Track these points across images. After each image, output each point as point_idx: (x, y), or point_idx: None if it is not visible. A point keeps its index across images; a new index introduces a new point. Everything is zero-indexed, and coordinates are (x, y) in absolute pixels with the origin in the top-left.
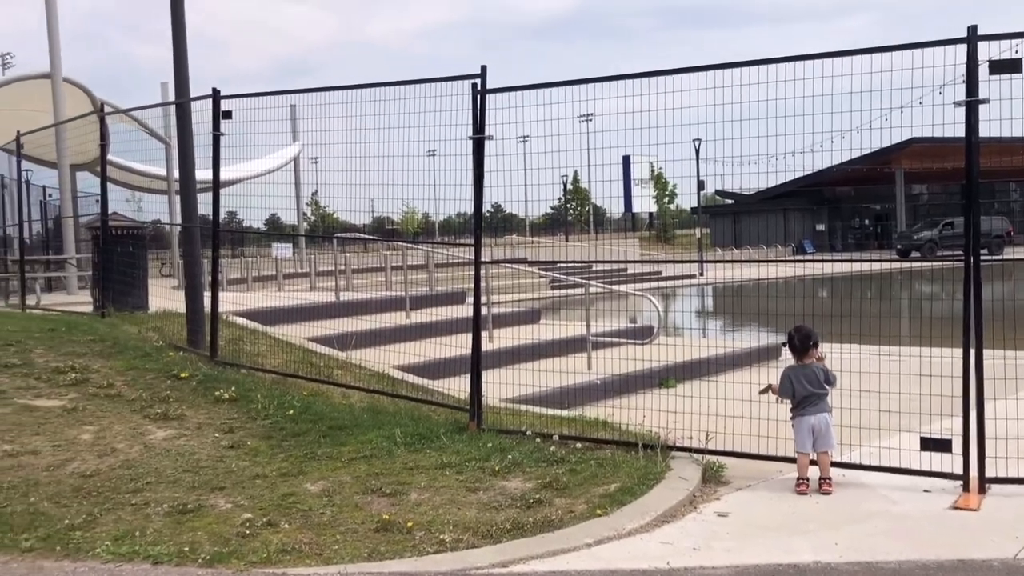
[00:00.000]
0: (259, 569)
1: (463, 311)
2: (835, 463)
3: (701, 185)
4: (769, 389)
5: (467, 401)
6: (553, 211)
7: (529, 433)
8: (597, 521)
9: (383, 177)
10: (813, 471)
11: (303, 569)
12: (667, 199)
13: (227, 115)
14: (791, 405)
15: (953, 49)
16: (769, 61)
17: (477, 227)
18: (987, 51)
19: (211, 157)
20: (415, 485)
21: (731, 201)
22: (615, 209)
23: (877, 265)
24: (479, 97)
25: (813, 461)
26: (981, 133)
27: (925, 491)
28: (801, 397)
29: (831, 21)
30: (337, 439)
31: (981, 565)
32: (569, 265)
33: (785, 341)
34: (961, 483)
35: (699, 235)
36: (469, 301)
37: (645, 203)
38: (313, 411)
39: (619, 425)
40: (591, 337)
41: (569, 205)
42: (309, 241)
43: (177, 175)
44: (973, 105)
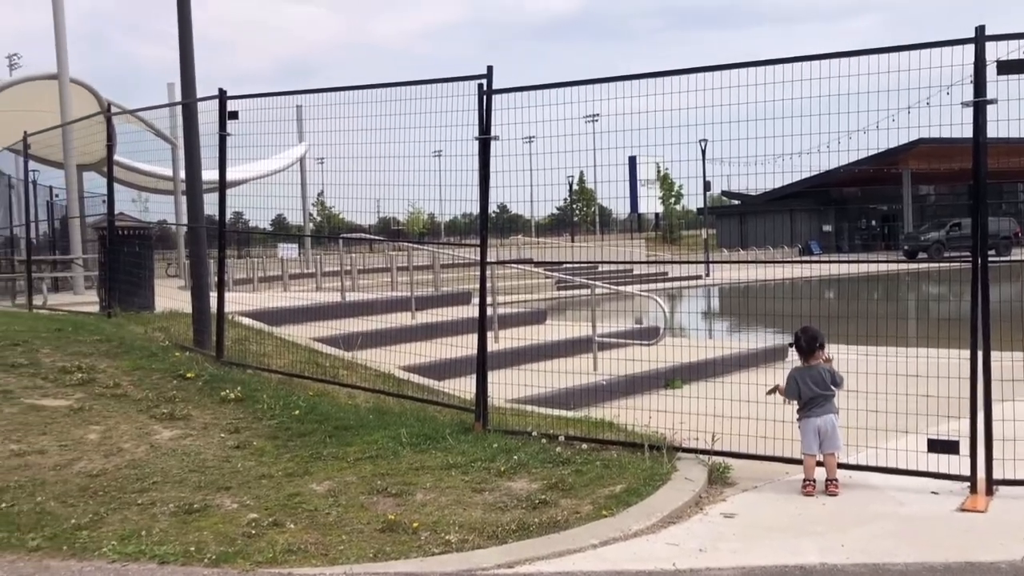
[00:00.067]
0: (265, 569)
1: (469, 311)
2: (842, 464)
3: (707, 186)
4: (776, 390)
5: (473, 402)
6: (559, 212)
7: (535, 434)
8: (603, 522)
9: (389, 178)
10: (820, 472)
11: (309, 569)
12: (673, 200)
13: (233, 115)
14: (797, 406)
15: (960, 49)
16: (775, 62)
17: (483, 228)
18: (995, 51)
19: (217, 157)
20: (421, 485)
21: (737, 202)
22: (621, 210)
23: (884, 266)
24: (485, 98)
25: (820, 462)
26: (989, 134)
27: (932, 493)
28: (807, 398)
29: (836, 22)
30: (343, 439)
31: (989, 567)
32: (575, 266)
33: (792, 342)
34: (968, 485)
35: (705, 236)
36: (475, 302)
37: (651, 204)
38: (319, 411)
39: (625, 426)
40: (597, 338)
41: (575, 206)
42: (315, 242)
43: (183, 175)
44: (981, 105)
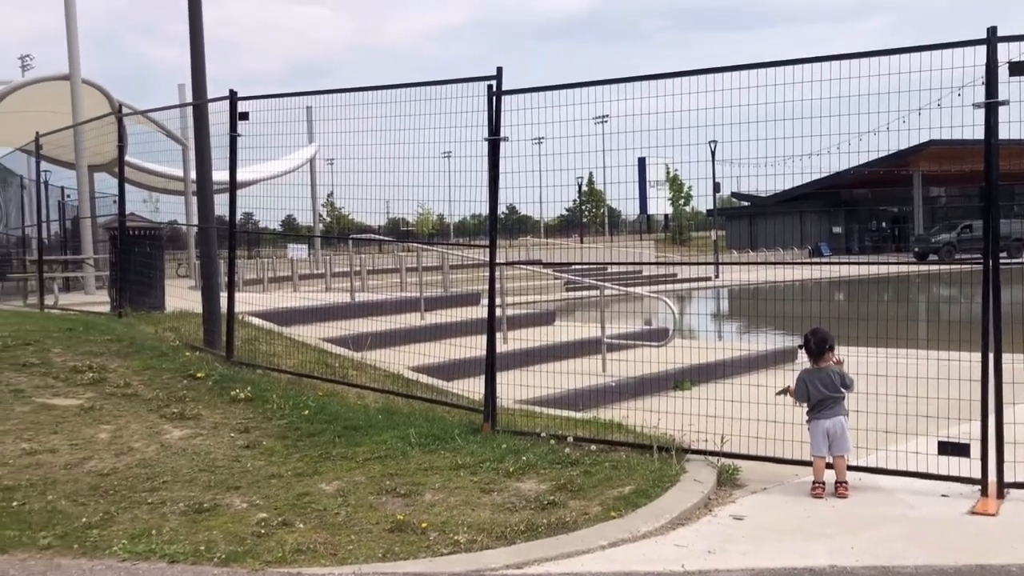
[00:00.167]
0: (274, 568)
1: (477, 312)
2: (852, 467)
3: (717, 187)
4: (787, 390)
5: (481, 402)
6: (568, 213)
7: (543, 435)
8: (611, 523)
9: (398, 179)
10: (829, 475)
11: (318, 569)
12: (682, 201)
13: (244, 116)
14: (807, 408)
15: (972, 51)
16: (786, 63)
17: (492, 228)
18: (1007, 52)
19: (228, 158)
20: (429, 486)
21: (747, 203)
22: (630, 211)
23: (894, 268)
24: (495, 99)
25: (829, 464)
26: (1001, 135)
27: (943, 496)
28: (816, 400)
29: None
30: (352, 439)
31: (1000, 571)
32: (584, 267)
33: (801, 344)
34: (979, 488)
35: (715, 237)
36: (483, 302)
37: (660, 205)
38: (328, 411)
39: (634, 427)
40: (606, 339)
41: (584, 207)
42: (325, 242)
43: (194, 176)
44: (992, 107)
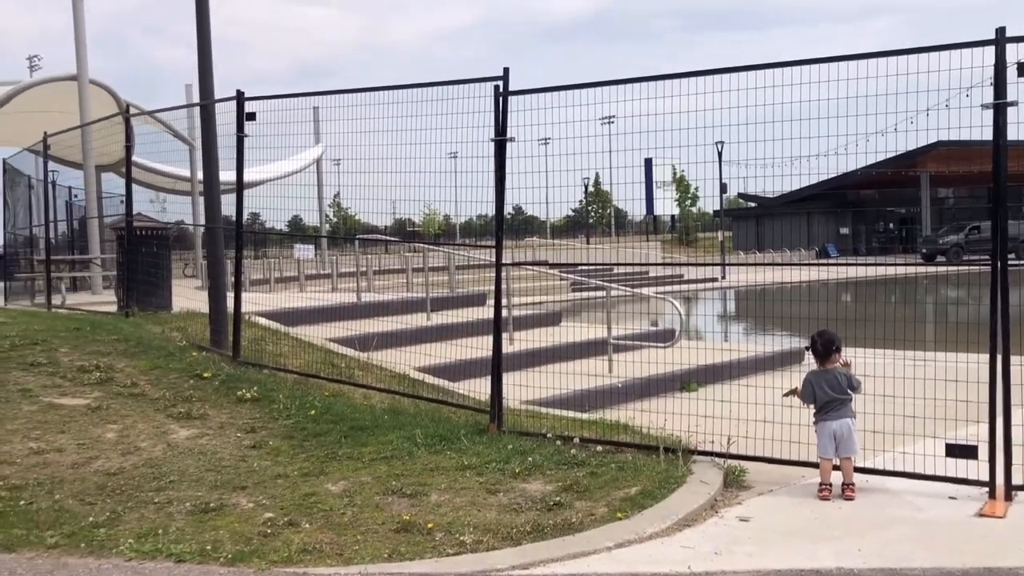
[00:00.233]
0: (280, 568)
1: (484, 313)
2: (859, 469)
3: (724, 188)
4: (794, 392)
5: (487, 403)
6: (574, 213)
7: (549, 435)
8: (618, 524)
9: (405, 179)
10: (836, 476)
11: (324, 569)
12: (689, 202)
13: (251, 117)
14: (814, 410)
15: (981, 51)
16: (793, 63)
17: (498, 229)
18: (1016, 53)
19: (235, 159)
20: (435, 486)
21: (754, 204)
22: (637, 211)
23: (902, 269)
24: (501, 99)
25: (836, 466)
26: (1009, 136)
27: (950, 498)
28: (823, 402)
29: (855, 23)
30: (358, 440)
31: (1008, 573)
32: (590, 267)
33: (808, 345)
34: (987, 490)
35: (721, 238)
36: (490, 303)
37: (667, 206)
38: (334, 411)
39: (640, 428)
40: (612, 340)
41: (590, 207)
42: (331, 242)
43: (201, 176)
44: (1001, 107)
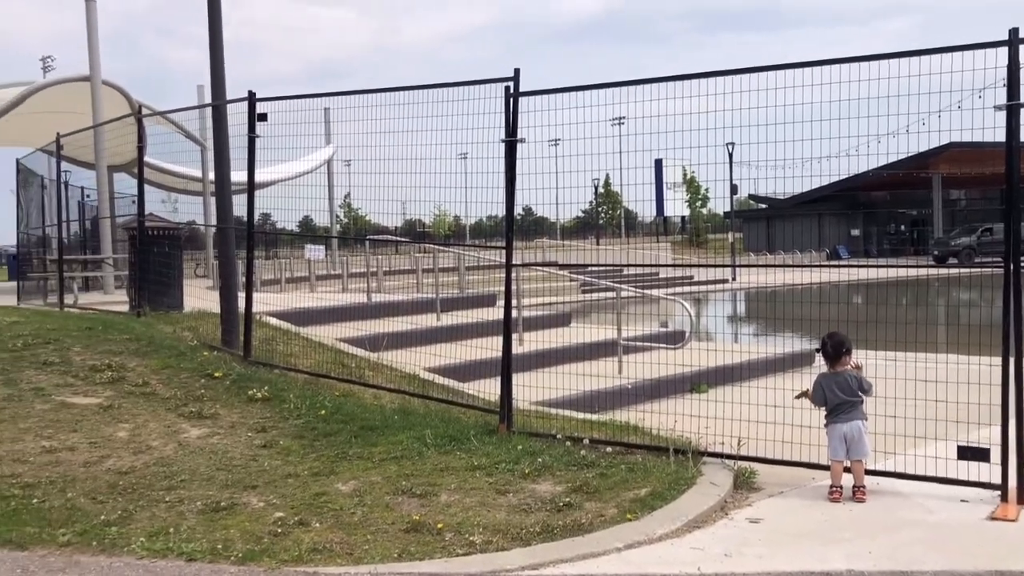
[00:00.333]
0: (291, 567)
1: (493, 314)
2: (870, 471)
3: (734, 189)
4: (805, 394)
5: (497, 404)
6: (584, 214)
7: (559, 436)
8: (627, 526)
9: (415, 180)
10: (847, 479)
11: (334, 568)
12: (699, 203)
13: (262, 117)
14: (825, 412)
15: (994, 52)
16: (804, 64)
17: (509, 230)
18: None
19: (246, 159)
20: (445, 486)
21: (764, 205)
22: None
23: (913, 271)
24: (512, 100)
25: (847, 469)
26: (1022, 138)
27: (962, 501)
28: (833, 404)
29: (869, 24)
30: (368, 440)
31: None
32: (600, 269)
33: (818, 348)
34: (999, 493)
35: (732, 239)
36: (499, 304)
37: (677, 207)
38: (344, 411)
39: (650, 430)
40: (622, 341)
41: (600, 208)
42: (341, 243)
43: (212, 176)
44: (1014, 109)
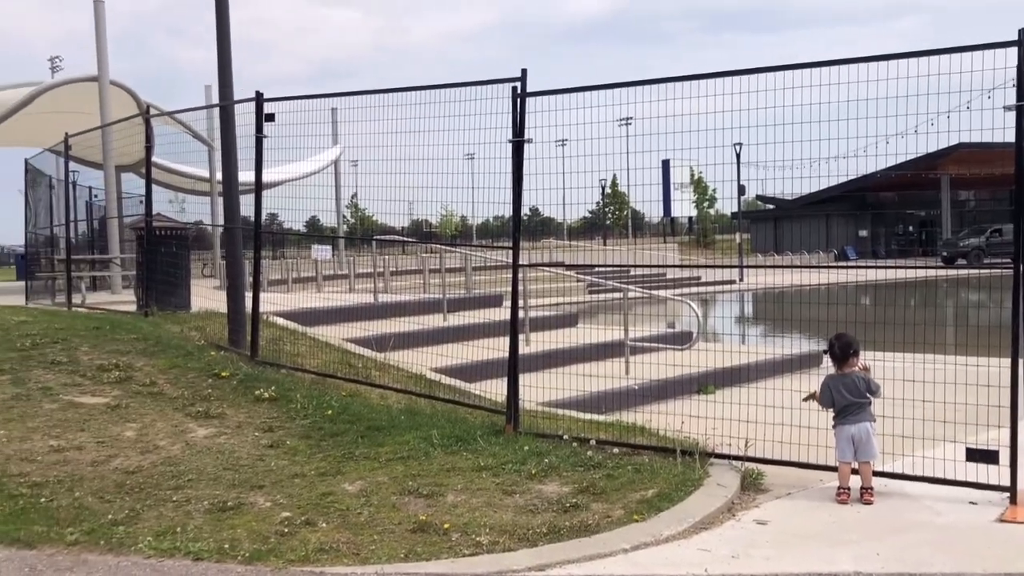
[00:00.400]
0: (297, 567)
1: (500, 314)
2: (878, 472)
3: (742, 190)
4: (813, 396)
5: (504, 404)
6: (591, 215)
7: (566, 437)
8: (634, 527)
9: (422, 180)
10: (855, 480)
11: (341, 568)
12: (707, 203)
13: (270, 118)
14: (832, 413)
15: (1003, 52)
16: (812, 65)
17: (516, 230)
18: None
19: (253, 159)
20: (452, 487)
21: (772, 206)
22: (654, 213)
23: (922, 272)
24: (519, 100)
25: (855, 470)
26: None
27: (971, 503)
28: (841, 406)
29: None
30: (375, 440)
31: None
32: (607, 269)
33: (826, 349)
34: (1008, 495)
35: (739, 240)
36: (506, 304)
37: (685, 207)
38: (351, 411)
39: (657, 431)
40: (629, 342)
41: (607, 209)
42: (348, 243)
43: (220, 177)
44: (1023, 109)
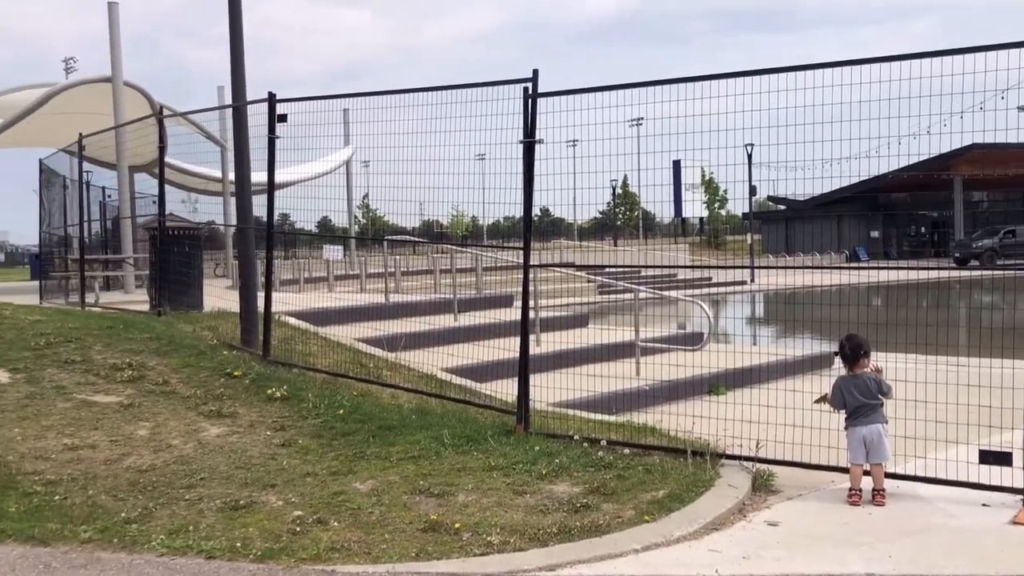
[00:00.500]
0: (309, 566)
1: (511, 314)
2: (890, 474)
3: (753, 190)
4: (824, 399)
5: (514, 404)
6: (602, 215)
7: (576, 438)
8: (645, 527)
9: (433, 180)
10: (866, 482)
11: (352, 567)
12: (718, 204)
13: (282, 118)
14: (844, 415)
15: (1017, 52)
16: (825, 65)
17: (526, 231)
18: None
19: (266, 160)
20: (462, 487)
21: (783, 207)
22: (665, 213)
23: (934, 273)
24: (530, 101)
25: (867, 472)
26: None
27: (983, 505)
28: (853, 408)
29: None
30: (386, 439)
31: None
32: (618, 270)
33: (836, 350)
34: (1021, 498)
35: (751, 241)
36: (517, 304)
37: (696, 208)
38: (362, 411)
39: (668, 431)
40: (640, 343)
41: (618, 209)
42: (359, 243)
43: (232, 177)
44: None
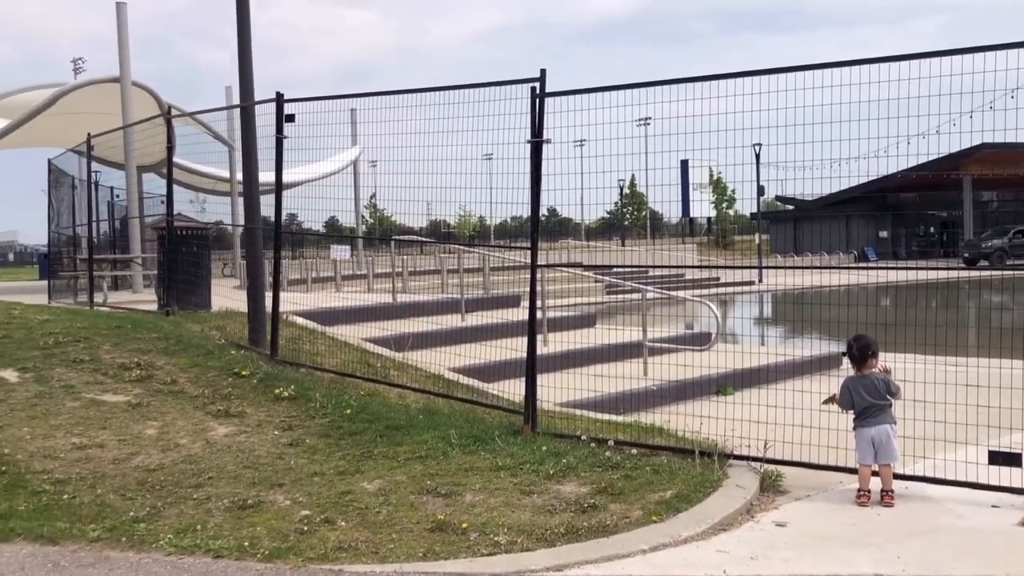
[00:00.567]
0: (316, 565)
1: (518, 314)
2: (899, 475)
3: (761, 190)
4: (832, 399)
5: (522, 404)
6: (609, 215)
7: (584, 438)
8: (653, 527)
9: (440, 180)
10: (875, 483)
11: (360, 567)
12: (726, 204)
13: (290, 118)
14: (853, 415)
15: None
16: (833, 65)
17: (534, 230)
18: None
19: (273, 160)
20: (470, 486)
21: (791, 207)
22: (673, 213)
23: (943, 274)
24: (538, 101)
25: (875, 472)
26: None
27: (993, 506)
28: (861, 408)
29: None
30: (393, 439)
31: None
32: (625, 270)
33: (845, 350)
34: None
35: (759, 241)
36: (524, 304)
37: (703, 208)
38: (370, 411)
39: (675, 432)
40: (647, 343)
41: (626, 209)
42: (367, 243)
43: (240, 177)
44: None
